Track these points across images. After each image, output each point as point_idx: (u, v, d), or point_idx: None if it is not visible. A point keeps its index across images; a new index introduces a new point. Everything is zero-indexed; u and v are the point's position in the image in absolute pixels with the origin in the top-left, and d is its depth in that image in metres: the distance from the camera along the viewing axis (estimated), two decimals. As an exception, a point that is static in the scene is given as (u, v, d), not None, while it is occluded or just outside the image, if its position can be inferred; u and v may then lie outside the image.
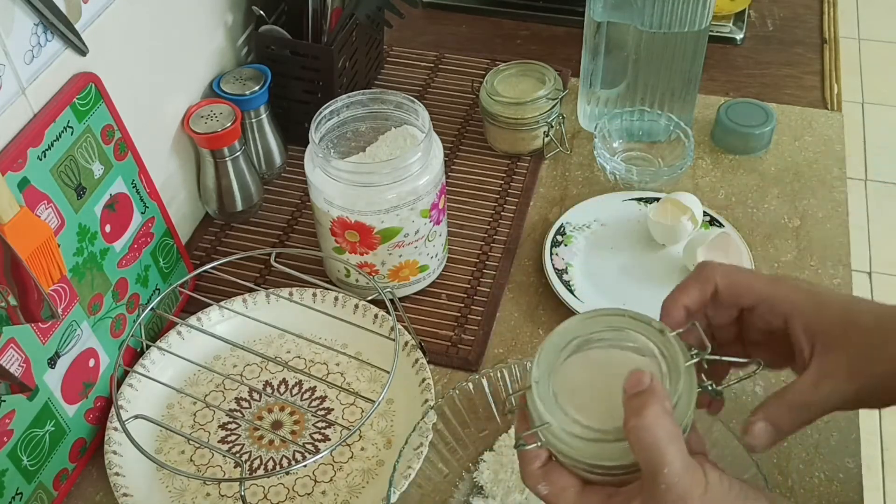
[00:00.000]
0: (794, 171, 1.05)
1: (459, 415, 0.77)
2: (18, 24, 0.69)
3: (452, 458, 0.77)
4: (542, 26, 1.27)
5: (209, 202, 0.99)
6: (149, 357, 0.84)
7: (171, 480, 0.78)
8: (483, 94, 1.05)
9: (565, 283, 0.91)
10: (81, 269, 0.77)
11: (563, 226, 0.97)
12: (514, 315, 0.91)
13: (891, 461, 1.83)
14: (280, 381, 0.86)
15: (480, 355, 0.88)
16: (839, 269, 0.94)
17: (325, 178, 0.83)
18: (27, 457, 0.73)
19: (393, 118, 0.89)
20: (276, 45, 1.02)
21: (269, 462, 0.80)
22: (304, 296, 0.89)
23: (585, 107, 1.10)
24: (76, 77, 0.76)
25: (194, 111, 0.94)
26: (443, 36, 1.26)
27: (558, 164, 1.07)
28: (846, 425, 0.81)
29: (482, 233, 0.99)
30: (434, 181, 0.85)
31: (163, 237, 0.88)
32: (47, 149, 0.72)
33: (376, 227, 0.84)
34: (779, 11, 1.29)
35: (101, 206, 0.79)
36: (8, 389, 0.65)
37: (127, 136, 0.82)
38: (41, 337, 0.73)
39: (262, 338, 0.88)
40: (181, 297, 0.92)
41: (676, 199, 0.94)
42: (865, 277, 2.18)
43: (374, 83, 1.17)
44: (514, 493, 0.73)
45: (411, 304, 0.92)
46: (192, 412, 0.84)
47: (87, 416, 0.79)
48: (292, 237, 1.00)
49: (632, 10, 0.97)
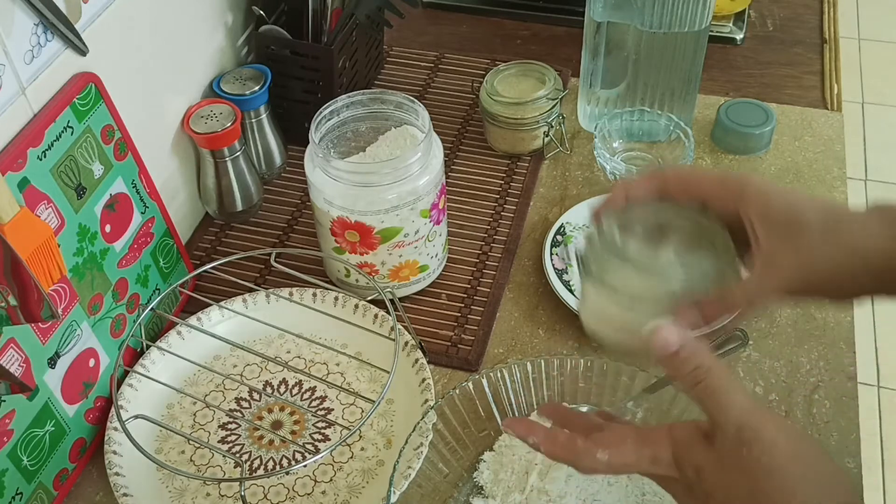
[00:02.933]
0: (794, 171, 1.05)
1: (459, 415, 0.77)
2: (18, 24, 0.69)
3: (452, 458, 0.77)
4: (542, 26, 1.27)
5: (209, 202, 0.99)
6: (149, 357, 0.84)
7: (171, 480, 0.78)
8: (483, 94, 1.05)
9: (565, 283, 0.91)
10: (81, 269, 0.77)
11: (563, 226, 0.97)
12: (514, 315, 0.91)
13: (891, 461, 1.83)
14: (280, 381, 0.86)
15: (480, 355, 0.88)
16: (839, 269, 0.94)
17: (325, 178, 0.83)
18: (27, 457, 0.73)
19: (393, 118, 0.89)
20: (276, 45, 1.02)
21: (269, 462, 0.80)
22: (304, 296, 0.89)
23: (585, 107, 1.10)
24: (76, 77, 0.76)
25: (194, 111, 0.94)
26: (443, 36, 1.26)
27: (558, 164, 1.07)
28: (846, 425, 0.81)
29: (482, 233, 0.99)
30: (434, 181, 0.85)
31: (163, 237, 0.88)
32: (47, 149, 0.72)
33: (376, 227, 0.84)
34: (779, 11, 1.29)
35: (101, 206, 0.79)
36: (8, 389, 0.65)
37: (127, 136, 0.82)
38: (41, 337, 0.73)
39: (262, 338, 0.88)
40: (181, 297, 0.92)
41: (676, 199, 0.94)
42: (865, 277, 2.17)
43: (374, 83, 1.17)
44: (514, 493, 0.73)
45: (411, 304, 0.92)
46: (192, 412, 0.84)
47: (87, 416, 0.79)
48: (292, 237, 1.00)
49: (632, 10, 0.97)
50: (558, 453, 0.56)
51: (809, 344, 0.87)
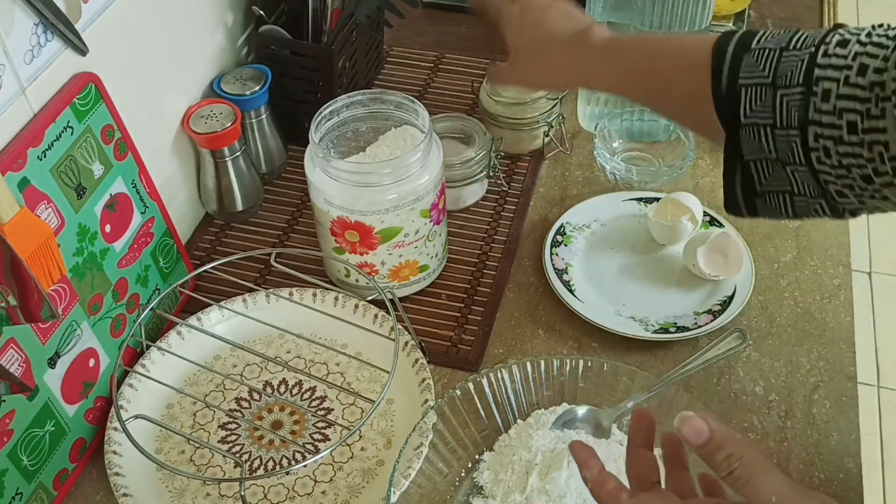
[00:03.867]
0: (794, 171, 1.05)
1: (459, 415, 0.77)
2: (18, 24, 0.69)
3: (452, 458, 0.77)
4: (542, 26, 1.27)
5: (209, 202, 0.99)
6: (149, 357, 0.84)
7: (171, 480, 0.78)
8: (483, 94, 1.05)
9: (565, 283, 0.91)
10: (81, 269, 0.77)
11: (563, 226, 0.97)
12: (514, 315, 0.91)
13: (891, 461, 1.83)
14: (280, 381, 0.86)
15: (480, 355, 0.88)
16: (839, 269, 0.94)
17: (325, 178, 0.83)
18: (27, 457, 0.73)
19: (393, 118, 0.89)
20: (276, 45, 1.02)
21: (269, 462, 0.80)
22: (304, 296, 0.89)
23: (585, 107, 1.10)
24: (76, 77, 0.76)
25: (194, 111, 0.94)
26: (443, 36, 1.26)
27: (558, 164, 1.07)
28: (846, 425, 0.81)
29: (482, 233, 0.99)
30: (434, 181, 0.85)
31: (163, 237, 0.88)
32: (47, 149, 0.72)
33: (376, 227, 0.84)
34: (779, 11, 1.29)
35: (101, 206, 0.79)
36: (8, 389, 0.65)
37: (127, 135, 0.82)
38: (41, 337, 0.73)
39: (262, 338, 0.88)
40: (181, 297, 0.92)
41: (676, 199, 0.94)
42: (865, 277, 2.18)
43: (374, 83, 1.17)
44: (514, 493, 0.73)
45: (411, 304, 0.92)
46: (192, 412, 0.84)
47: (87, 416, 0.79)
48: (292, 237, 1.00)
49: (632, 10, 0.97)
50: (601, 497, 0.56)
51: (809, 344, 0.87)
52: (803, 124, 0.60)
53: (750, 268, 0.91)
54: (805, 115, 0.60)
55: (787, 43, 0.62)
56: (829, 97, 0.59)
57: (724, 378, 0.85)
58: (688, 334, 0.86)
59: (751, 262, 0.92)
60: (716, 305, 0.89)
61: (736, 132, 0.64)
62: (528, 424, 0.77)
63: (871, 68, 0.57)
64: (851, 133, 0.58)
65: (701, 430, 0.53)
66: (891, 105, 0.55)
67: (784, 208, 0.65)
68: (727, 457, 0.52)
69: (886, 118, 0.56)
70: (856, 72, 0.58)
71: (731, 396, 0.84)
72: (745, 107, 0.63)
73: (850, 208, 0.63)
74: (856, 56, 0.59)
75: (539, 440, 0.75)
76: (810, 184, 0.62)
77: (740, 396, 0.83)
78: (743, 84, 0.63)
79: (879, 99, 0.56)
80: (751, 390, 0.84)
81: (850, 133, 0.58)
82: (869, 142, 0.57)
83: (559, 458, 0.73)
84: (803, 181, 0.62)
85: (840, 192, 0.61)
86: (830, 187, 0.61)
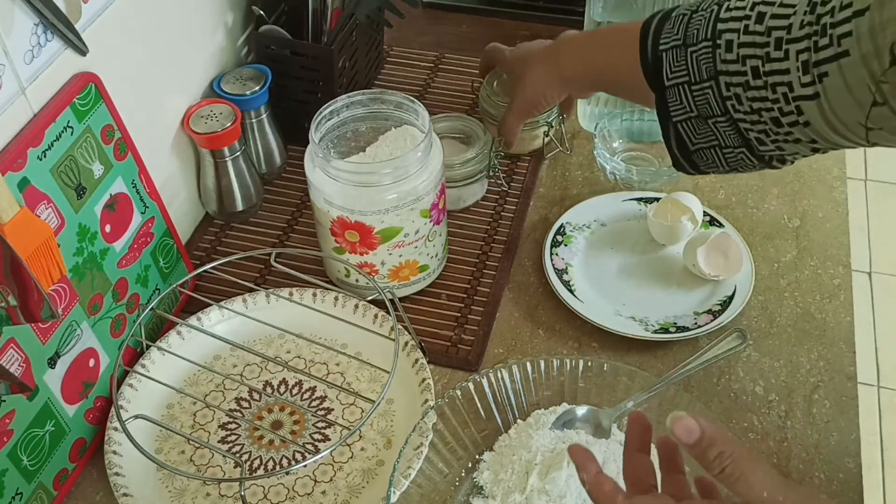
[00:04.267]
0: (794, 171, 1.05)
1: (459, 415, 0.77)
2: (18, 24, 0.69)
3: (452, 458, 0.77)
4: (542, 26, 1.27)
5: (209, 202, 0.99)
6: (149, 357, 0.84)
7: (171, 480, 0.78)
8: (483, 94, 1.05)
9: (565, 283, 0.91)
10: (81, 269, 0.77)
11: (563, 226, 0.97)
12: (514, 315, 0.91)
13: (891, 461, 1.83)
14: (280, 381, 0.86)
15: (480, 355, 0.88)
16: (839, 269, 0.94)
17: (325, 178, 0.83)
18: (27, 457, 0.73)
19: (393, 118, 0.89)
20: (276, 45, 1.02)
21: (269, 462, 0.80)
22: (304, 296, 0.89)
23: (585, 107, 1.10)
24: (76, 77, 0.76)
25: (194, 111, 0.94)
26: (443, 36, 1.26)
27: (558, 164, 1.07)
28: (846, 425, 0.81)
29: (482, 233, 0.99)
30: (434, 181, 0.85)
31: (163, 237, 0.88)
32: (47, 149, 0.72)
33: (376, 227, 0.84)
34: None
35: (101, 206, 0.79)
36: (8, 389, 0.65)
37: (127, 136, 0.82)
38: (41, 337, 0.73)
39: (262, 338, 0.88)
40: (181, 297, 0.92)
41: (676, 199, 0.94)
42: (865, 277, 2.18)
43: (374, 83, 1.17)
44: (514, 493, 0.73)
45: (411, 304, 0.92)
46: (192, 412, 0.84)
47: (87, 416, 0.79)
48: (292, 237, 1.00)
49: (632, 10, 0.97)
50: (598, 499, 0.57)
51: (809, 344, 0.87)
52: (714, 76, 0.67)
53: (750, 268, 0.91)
54: (714, 66, 0.67)
55: (696, 6, 0.70)
56: (731, 47, 0.66)
57: (724, 378, 0.85)
58: (688, 334, 0.86)
59: (751, 262, 0.92)
60: (716, 305, 0.89)
61: (663, 95, 0.71)
62: (528, 424, 0.77)
63: (769, 14, 0.64)
64: (756, 77, 0.64)
65: (692, 429, 0.53)
66: (793, 47, 0.61)
67: (718, 162, 0.72)
68: (718, 454, 0.53)
69: (790, 59, 0.62)
70: (754, 20, 0.65)
71: (731, 396, 0.84)
72: (666, 70, 0.70)
73: (774, 155, 0.69)
74: (753, 6, 0.66)
75: (539, 440, 0.75)
76: (731, 134, 0.69)
77: (740, 396, 0.83)
78: (663, 49, 0.71)
79: (783, 41, 0.62)
80: (751, 390, 0.84)
81: (755, 77, 0.64)
82: (772, 84, 0.63)
83: (559, 458, 0.73)
84: (725, 132, 0.69)
85: (759, 138, 0.67)
86: (751, 135, 0.68)
